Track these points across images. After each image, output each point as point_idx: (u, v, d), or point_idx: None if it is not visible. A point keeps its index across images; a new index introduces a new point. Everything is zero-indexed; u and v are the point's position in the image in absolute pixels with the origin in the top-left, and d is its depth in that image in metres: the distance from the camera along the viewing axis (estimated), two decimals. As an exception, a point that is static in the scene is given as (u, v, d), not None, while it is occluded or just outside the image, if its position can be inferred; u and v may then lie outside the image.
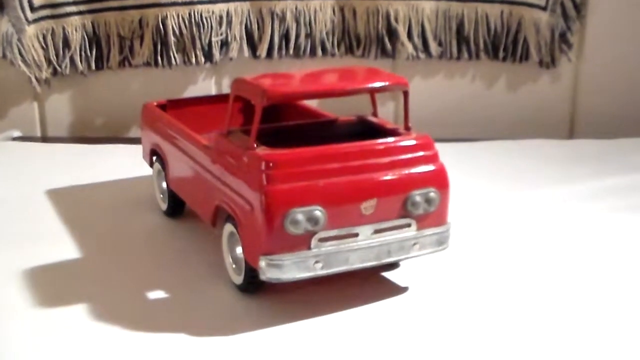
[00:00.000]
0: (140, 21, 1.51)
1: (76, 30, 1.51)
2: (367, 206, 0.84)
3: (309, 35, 1.54)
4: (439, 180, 0.88)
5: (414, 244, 0.87)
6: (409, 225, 0.87)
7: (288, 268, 0.82)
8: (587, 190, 1.22)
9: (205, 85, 1.59)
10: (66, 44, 1.51)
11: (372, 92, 0.95)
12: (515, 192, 1.22)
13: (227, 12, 1.51)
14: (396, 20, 1.52)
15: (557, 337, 0.81)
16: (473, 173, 1.30)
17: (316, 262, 0.83)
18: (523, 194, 1.21)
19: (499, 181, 1.28)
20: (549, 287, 0.92)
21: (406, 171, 0.87)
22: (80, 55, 1.53)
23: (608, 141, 1.48)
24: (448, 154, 0.93)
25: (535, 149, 1.45)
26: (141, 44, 1.52)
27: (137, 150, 1.24)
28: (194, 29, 1.50)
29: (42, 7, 1.49)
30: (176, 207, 1.11)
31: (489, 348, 0.79)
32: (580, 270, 0.96)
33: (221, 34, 1.52)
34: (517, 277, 0.95)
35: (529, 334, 0.82)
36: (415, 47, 1.54)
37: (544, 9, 1.49)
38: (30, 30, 1.49)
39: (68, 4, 1.49)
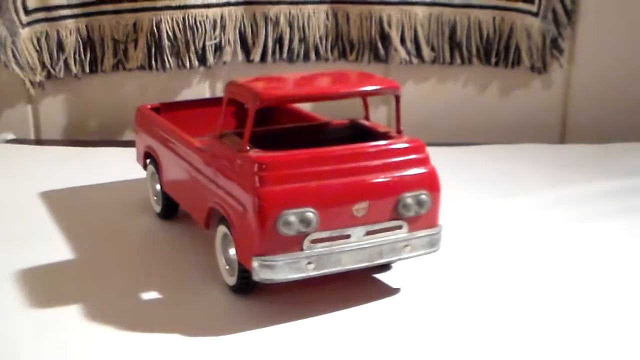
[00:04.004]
0: (134, 25, 1.51)
1: (70, 34, 1.51)
2: (359, 208, 0.85)
3: (302, 39, 1.55)
4: (430, 182, 0.89)
5: (406, 245, 0.88)
6: (400, 227, 0.87)
7: (280, 269, 0.83)
8: (577, 194, 1.23)
9: (199, 89, 1.59)
10: (60, 47, 1.52)
11: (365, 95, 0.96)
12: (506, 196, 1.22)
13: (221, 16, 1.52)
14: (389, 25, 1.53)
15: (546, 338, 0.82)
16: (464, 177, 1.30)
17: (308, 263, 0.83)
18: (514, 198, 1.22)
19: (490, 185, 1.28)
20: (539, 289, 0.93)
21: (398, 174, 0.87)
22: (75, 58, 1.53)
23: (599, 146, 1.49)
24: (440, 158, 0.94)
25: (527, 154, 1.46)
26: (135, 48, 1.53)
27: (130, 153, 1.25)
28: (188, 32, 1.51)
29: (37, 10, 1.49)
30: (170, 209, 1.12)
31: (480, 349, 0.80)
32: (570, 273, 0.97)
33: (215, 38, 1.53)
34: (507, 279, 0.95)
35: (518, 335, 0.82)
36: (408, 52, 1.55)
37: (535, 15, 1.51)
38: (25, 33, 1.49)
39: (62, 7, 1.50)
